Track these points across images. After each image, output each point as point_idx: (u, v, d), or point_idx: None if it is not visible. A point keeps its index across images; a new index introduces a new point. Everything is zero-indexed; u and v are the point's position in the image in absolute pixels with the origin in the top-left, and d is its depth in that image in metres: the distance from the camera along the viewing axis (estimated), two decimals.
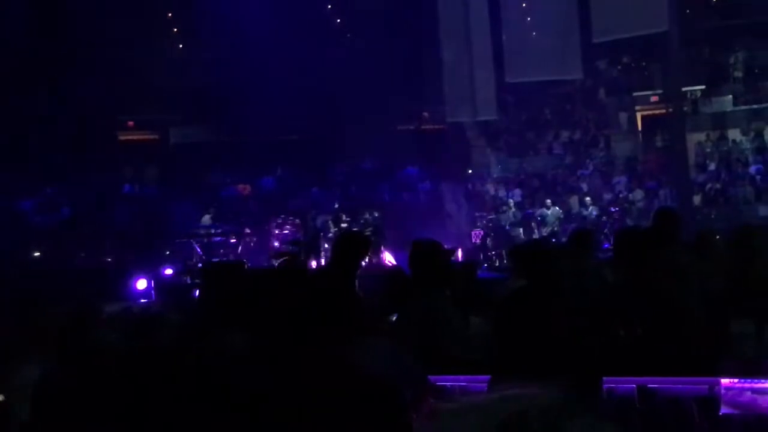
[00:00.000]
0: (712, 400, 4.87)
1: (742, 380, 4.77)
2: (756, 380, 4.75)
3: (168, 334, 5.46)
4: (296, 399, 4.13)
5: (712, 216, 27.03)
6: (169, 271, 21.39)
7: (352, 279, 7.73)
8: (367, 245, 8.57)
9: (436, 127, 33.44)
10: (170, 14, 32.67)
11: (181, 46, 32.47)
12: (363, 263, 8.35)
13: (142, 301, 19.36)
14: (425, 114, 33.80)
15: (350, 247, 8.04)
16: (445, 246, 7.27)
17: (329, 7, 34.73)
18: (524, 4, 34.55)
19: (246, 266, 8.79)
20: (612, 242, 6.80)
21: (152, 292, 20.12)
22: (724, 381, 4.80)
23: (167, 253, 24.27)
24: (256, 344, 6.84)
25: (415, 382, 4.84)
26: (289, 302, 6.58)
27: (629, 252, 5.82)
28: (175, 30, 32.79)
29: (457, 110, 32.86)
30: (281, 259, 18.37)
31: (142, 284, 19.81)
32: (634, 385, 5.00)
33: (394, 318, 6.87)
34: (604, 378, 4.67)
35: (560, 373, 4.45)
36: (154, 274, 20.83)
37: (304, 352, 4.37)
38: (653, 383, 4.98)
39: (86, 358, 4.32)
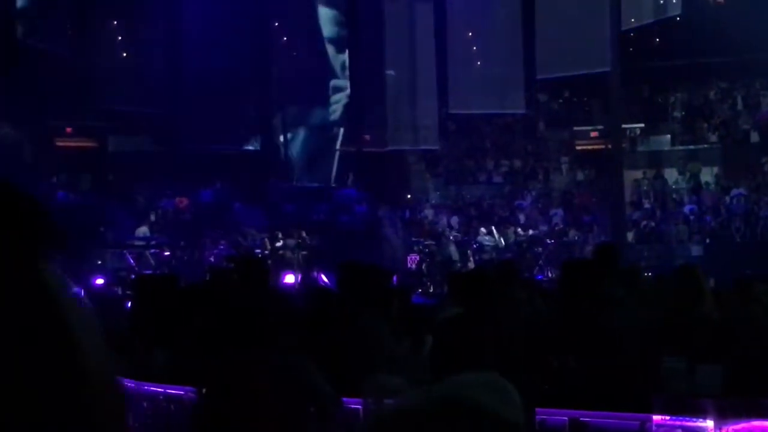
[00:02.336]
0: None
1: (674, 417, 4.78)
2: (687, 418, 4.76)
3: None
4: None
5: (645, 253, 27.34)
6: (100, 281, 21.09)
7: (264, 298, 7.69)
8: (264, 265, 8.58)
9: (377, 150, 33.46)
10: (115, 22, 32.40)
11: (124, 54, 32.19)
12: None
13: None
14: (366, 137, 33.79)
15: (250, 270, 8.03)
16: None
17: (276, 24, 34.67)
18: (470, 34, 34.82)
19: (178, 280, 8.65)
20: (559, 273, 6.80)
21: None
22: (656, 417, 4.81)
23: (99, 262, 23.93)
24: (179, 362, 6.73)
25: (322, 400, 4.81)
26: (207, 321, 6.50)
27: (577, 284, 5.82)
28: (120, 38, 32.52)
29: (398, 137, 33.03)
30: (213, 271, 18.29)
31: None
32: (566, 418, 4.99)
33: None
34: (537, 409, 4.66)
35: None
36: (84, 284, 20.52)
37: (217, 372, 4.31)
38: (585, 416, 4.97)
39: None
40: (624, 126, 30.76)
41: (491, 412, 1.46)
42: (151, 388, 6.78)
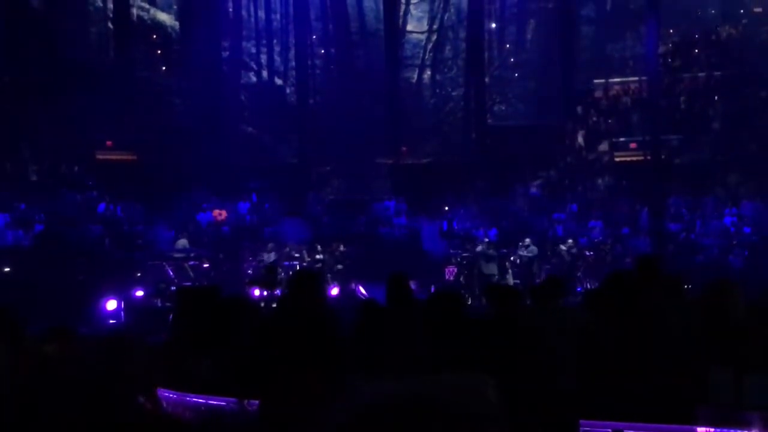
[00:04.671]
0: None
1: (718, 430, 4.75)
2: (732, 430, 4.73)
3: (140, 360, 5.41)
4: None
5: (685, 265, 27.08)
6: (139, 293, 21.21)
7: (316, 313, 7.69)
8: (321, 281, 8.56)
9: (415, 162, 33.53)
10: (155, 36, 32.81)
11: (164, 68, 32.54)
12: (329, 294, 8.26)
13: (111, 322, 19.22)
14: (404, 149, 33.90)
15: (304, 284, 8.02)
16: (417, 281, 7.28)
17: (314, 37, 34.94)
18: (507, 46, 34.88)
19: (220, 292, 8.69)
20: (601, 284, 6.77)
21: (122, 313, 19.96)
22: (700, 429, 4.78)
23: (138, 274, 24.07)
24: (225, 372, 6.78)
25: None
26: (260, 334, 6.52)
27: (619, 295, 5.80)
28: (159, 52, 32.89)
29: (436, 149, 33.09)
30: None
31: (112, 305, 19.64)
32: (610, 430, 4.98)
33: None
34: (581, 421, 4.65)
35: (537, 412, 4.43)
36: (124, 295, 20.66)
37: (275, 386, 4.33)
38: (629, 428, 4.95)
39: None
40: (663, 137, 30.60)
41: (456, 409, 1.57)
42: (194, 399, 6.82)
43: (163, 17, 33.40)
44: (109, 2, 31.85)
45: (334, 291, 22.39)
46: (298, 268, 23.90)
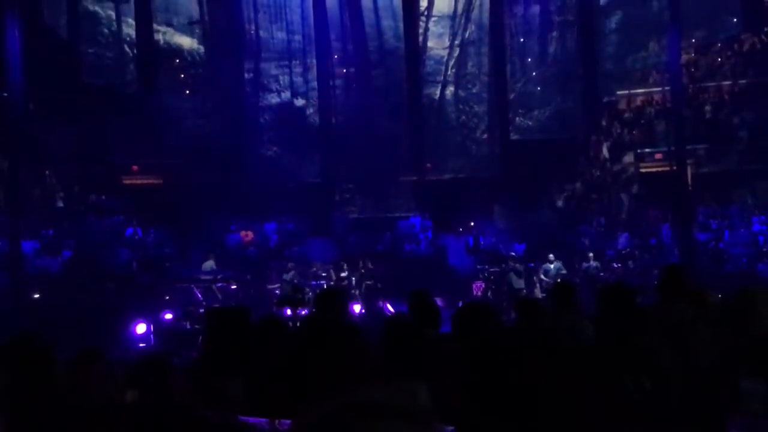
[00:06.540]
0: None
1: None
2: None
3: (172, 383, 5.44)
4: None
5: (714, 274, 26.90)
6: (168, 316, 21.31)
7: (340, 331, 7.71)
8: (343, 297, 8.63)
9: (439, 178, 33.53)
10: (177, 60, 33.04)
11: (187, 92, 32.74)
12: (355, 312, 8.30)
13: (141, 345, 19.32)
14: (428, 165, 33.92)
15: (326, 301, 8.05)
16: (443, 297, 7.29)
17: (335, 57, 35.07)
18: (529, 60, 34.87)
19: (250, 312, 8.72)
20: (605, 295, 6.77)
21: (151, 336, 20.06)
22: None
23: (167, 297, 24.19)
24: (255, 391, 6.78)
25: None
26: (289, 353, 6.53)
27: (613, 307, 5.81)
28: (182, 76, 33.10)
29: (461, 164, 33.08)
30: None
31: (141, 328, 19.76)
32: None
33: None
34: None
35: (565, 427, 4.41)
36: (153, 319, 20.77)
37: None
38: None
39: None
40: (689, 147, 30.45)
41: (394, 406, 1.88)
42: None
43: (183, 40, 33.62)
44: (124, 26, 32.12)
45: (357, 308, 22.46)
46: (325, 287, 23.94)
